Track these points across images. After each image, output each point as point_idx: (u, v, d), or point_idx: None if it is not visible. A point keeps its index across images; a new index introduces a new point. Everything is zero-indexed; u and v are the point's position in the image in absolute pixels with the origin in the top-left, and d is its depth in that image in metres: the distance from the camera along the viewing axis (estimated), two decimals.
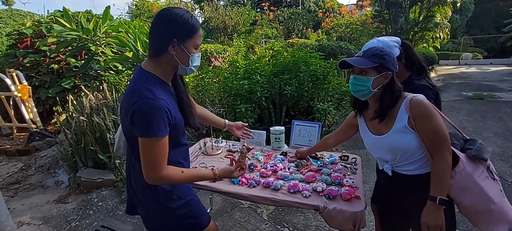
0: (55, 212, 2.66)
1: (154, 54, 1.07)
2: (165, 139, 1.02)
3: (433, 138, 1.12)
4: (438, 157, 1.12)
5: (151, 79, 1.04)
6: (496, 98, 7.34)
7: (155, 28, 1.05)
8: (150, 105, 0.96)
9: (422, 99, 1.13)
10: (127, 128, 1.08)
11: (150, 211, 1.21)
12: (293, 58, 3.61)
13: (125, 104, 1.03)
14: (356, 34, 10.13)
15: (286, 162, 1.88)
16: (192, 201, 1.25)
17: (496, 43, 18.38)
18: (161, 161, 1.02)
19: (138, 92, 0.99)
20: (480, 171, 1.13)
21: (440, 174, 1.12)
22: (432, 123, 1.11)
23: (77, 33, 3.66)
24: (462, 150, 1.20)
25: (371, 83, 1.18)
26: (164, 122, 0.99)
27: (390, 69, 1.17)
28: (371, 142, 1.33)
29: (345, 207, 1.35)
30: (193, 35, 1.05)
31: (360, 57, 1.22)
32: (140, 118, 0.97)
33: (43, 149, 3.99)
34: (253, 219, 2.50)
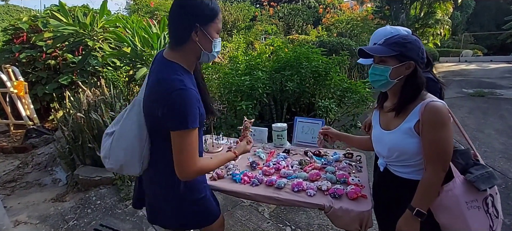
0: (53, 210, 2.61)
1: (176, 44, 1.03)
2: (197, 130, 1.01)
3: (433, 150, 1.05)
4: (431, 170, 1.06)
5: (178, 69, 1.00)
6: (497, 96, 7.33)
7: (175, 16, 1.01)
8: (183, 96, 0.93)
9: (440, 107, 1.04)
10: (154, 121, 1.03)
11: (167, 205, 1.18)
12: (294, 54, 3.55)
13: (154, 96, 0.99)
14: (356, 31, 10.06)
15: (289, 159, 1.83)
16: (207, 196, 1.25)
17: (496, 40, 18.36)
18: (196, 153, 1.01)
19: (169, 83, 0.95)
20: (471, 198, 1.05)
21: (426, 187, 1.08)
22: (439, 134, 1.03)
23: (73, 28, 3.59)
24: (464, 171, 1.11)
25: (389, 73, 1.11)
26: (197, 112, 0.98)
27: (412, 58, 1.09)
28: (376, 134, 1.29)
29: (351, 206, 1.30)
30: (215, 18, 1.02)
31: (380, 46, 1.15)
32: (175, 110, 0.94)
33: (40, 146, 3.93)
34: (255, 217, 2.46)
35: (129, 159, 1.09)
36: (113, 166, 1.11)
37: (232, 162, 1.81)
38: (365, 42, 8.51)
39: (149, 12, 9.45)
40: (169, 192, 1.15)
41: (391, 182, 1.25)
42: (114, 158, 1.10)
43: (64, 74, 4.59)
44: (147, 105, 1.05)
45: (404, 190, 1.20)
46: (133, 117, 1.09)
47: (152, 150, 1.12)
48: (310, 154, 1.86)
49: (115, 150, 1.09)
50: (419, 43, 1.11)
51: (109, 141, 1.11)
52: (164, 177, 1.13)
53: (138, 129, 1.07)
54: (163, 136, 1.02)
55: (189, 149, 0.99)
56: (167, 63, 1.02)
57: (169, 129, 0.98)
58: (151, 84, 1.03)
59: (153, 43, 3.38)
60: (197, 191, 1.19)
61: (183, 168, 1.01)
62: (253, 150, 2.03)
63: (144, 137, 1.08)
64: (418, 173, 1.15)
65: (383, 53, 1.11)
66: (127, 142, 1.08)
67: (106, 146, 1.12)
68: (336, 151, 1.92)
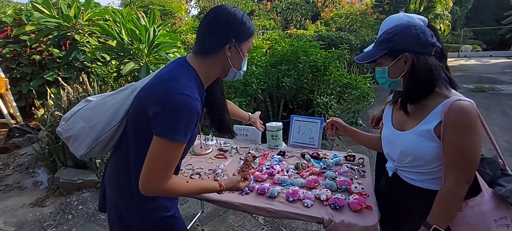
0: (31, 216, 2.42)
1: (203, 52, 0.95)
2: (183, 147, 0.88)
3: (457, 157, 0.87)
4: (452, 181, 0.89)
5: (192, 76, 0.91)
6: (498, 91, 7.20)
7: (210, 24, 0.94)
8: (185, 103, 0.82)
9: (468, 107, 0.87)
10: (142, 119, 0.87)
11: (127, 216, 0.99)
12: (292, 47, 3.35)
13: (154, 89, 0.87)
14: (355, 25, 9.86)
15: (284, 163, 1.65)
16: (175, 215, 1.04)
17: (496, 35, 18.22)
18: (170, 170, 0.87)
19: (176, 82, 0.85)
20: (500, 215, 0.89)
21: (446, 201, 0.90)
22: (465, 139, 0.86)
23: (57, 21, 3.37)
24: (491, 183, 0.94)
25: (387, 73, 0.98)
26: (190, 128, 0.86)
27: (405, 49, 0.92)
28: (387, 133, 1.11)
29: (354, 220, 1.13)
30: (249, 37, 0.98)
31: (370, 49, 1.05)
32: (169, 114, 0.81)
33: (24, 146, 3.73)
34: (248, 223, 2.29)
35: (83, 135, 0.95)
36: (62, 132, 0.97)
37: (220, 166, 1.65)
38: (364, 37, 8.32)
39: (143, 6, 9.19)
40: (127, 201, 0.97)
41: (401, 189, 1.08)
42: (71, 124, 0.96)
43: (50, 70, 4.35)
44: (141, 96, 0.92)
45: (415, 200, 1.04)
46: (119, 98, 0.97)
47: (121, 147, 0.98)
48: (308, 157, 1.68)
49: (78, 117, 0.96)
50: (411, 29, 0.93)
51: (81, 106, 0.99)
52: (122, 181, 0.97)
53: (114, 112, 0.95)
54: (143, 137, 0.87)
55: (164, 163, 0.84)
56: (186, 65, 0.94)
57: (153, 131, 0.84)
58: (157, 78, 0.92)
59: (141, 36, 3.17)
60: (160, 207, 0.99)
61: (147, 181, 0.85)
62: (245, 152, 1.85)
63: (113, 124, 0.95)
64: (433, 182, 0.98)
65: (371, 57, 1.00)
66: (96, 116, 0.95)
67: (74, 109, 0.99)
68: (336, 153, 1.74)
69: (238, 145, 1.92)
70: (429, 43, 0.92)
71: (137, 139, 0.92)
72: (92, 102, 0.99)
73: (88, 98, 1.02)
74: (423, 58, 0.91)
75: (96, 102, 0.99)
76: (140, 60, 3.27)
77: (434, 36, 0.95)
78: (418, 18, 1.19)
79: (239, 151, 1.86)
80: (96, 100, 0.99)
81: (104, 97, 1.00)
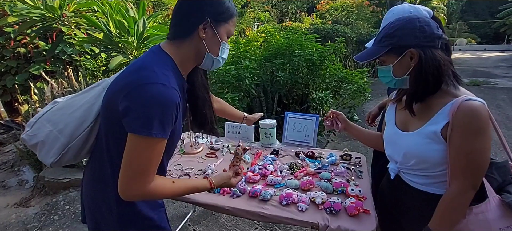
0: (14, 218, 2.32)
1: (176, 36, 0.84)
2: (164, 143, 0.77)
3: (463, 162, 0.81)
4: (458, 186, 0.83)
5: (167, 63, 0.81)
6: (492, 85, 7.24)
7: (183, 3, 0.83)
8: (159, 93, 0.71)
9: (478, 108, 0.80)
10: (114, 117, 0.77)
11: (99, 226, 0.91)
12: (286, 41, 3.25)
13: (125, 81, 0.75)
14: (351, 18, 9.76)
15: (278, 162, 1.58)
16: (160, 226, 0.94)
17: (490, 29, 18.31)
18: (152, 171, 0.76)
19: (147, 72, 0.74)
20: (506, 224, 0.84)
21: (449, 206, 0.85)
22: (474, 143, 0.80)
23: (40, 12, 3.20)
24: (499, 189, 0.88)
25: (392, 72, 0.90)
26: (170, 121, 0.75)
27: (409, 44, 0.84)
28: (390, 134, 1.04)
29: (351, 225, 1.06)
30: (229, 19, 0.86)
31: (372, 46, 0.95)
32: (141, 106, 0.70)
33: (8, 143, 3.59)
34: (242, 222, 2.23)
35: (51, 140, 0.84)
36: (27, 139, 0.86)
37: (211, 166, 1.57)
38: (360, 29, 8.23)
39: None
40: (104, 212, 0.88)
41: (403, 192, 1.02)
42: (36, 129, 0.86)
43: (36, 64, 4.19)
44: (111, 91, 0.81)
45: (418, 204, 0.98)
46: (89, 97, 0.87)
47: (96, 151, 0.88)
48: (302, 156, 1.61)
49: (44, 121, 0.86)
50: (415, 22, 0.86)
51: (47, 109, 0.89)
52: (98, 190, 0.88)
53: (84, 112, 0.86)
54: (118, 138, 0.77)
55: (143, 163, 0.74)
56: (158, 52, 0.83)
57: (126, 128, 0.73)
58: (126, 70, 0.81)
59: (129, 28, 3.03)
60: (144, 218, 0.90)
61: (126, 184, 0.75)
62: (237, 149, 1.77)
63: (84, 126, 0.85)
64: (438, 185, 0.91)
65: (373, 56, 0.92)
66: (64, 119, 0.85)
67: (40, 113, 0.89)
68: (332, 151, 1.67)
69: (230, 143, 1.84)
70: (436, 35, 0.84)
71: (111, 141, 0.81)
72: (60, 103, 0.89)
73: (56, 100, 0.92)
74: (430, 52, 0.83)
75: (64, 103, 0.88)
76: (129, 53, 3.14)
77: (440, 28, 0.87)
78: (424, 9, 1.12)
79: (231, 149, 1.78)
80: (64, 101, 0.89)
81: (73, 97, 0.90)
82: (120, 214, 0.86)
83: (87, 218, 0.96)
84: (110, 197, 0.84)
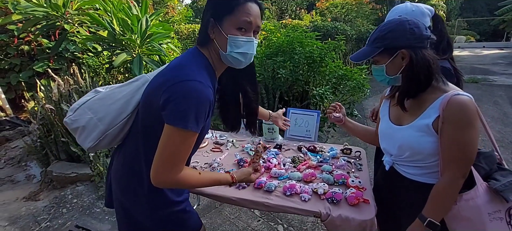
0: (24, 210, 2.38)
1: (199, 43, 0.91)
2: (195, 137, 0.84)
3: (454, 152, 0.88)
4: (449, 175, 0.90)
5: (203, 63, 0.87)
6: (490, 82, 7.32)
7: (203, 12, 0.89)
8: (196, 90, 0.77)
9: (467, 102, 0.86)
10: (152, 111, 0.84)
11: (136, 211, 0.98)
12: (287, 38, 3.31)
13: (164, 77, 0.82)
14: (351, 15, 9.79)
15: (281, 156, 1.65)
16: (187, 208, 1.04)
17: (489, 26, 18.38)
18: (183, 161, 0.84)
19: (187, 70, 0.81)
20: (494, 209, 0.91)
21: (441, 195, 0.92)
22: (464, 134, 0.86)
23: (44, 10, 3.25)
24: (487, 177, 0.96)
25: (385, 71, 0.97)
26: (203, 117, 0.82)
27: (401, 45, 0.91)
28: (384, 128, 1.11)
29: (352, 214, 1.13)
30: (232, 10, 0.82)
31: (365, 47, 1.02)
32: (180, 101, 0.77)
33: (15, 139, 3.65)
34: (244, 215, 2.30)
35: (90, 127, 0.92)
36: (69, 122, 0.95)
37: (217, 159, 1.64)
38: (359, 27, 8.27)
39: None
40: (134, 197, 0.95)
41: (398, 183, 1.09)
42: (78, 115, 0.94)
43: (40, 61, 4.23)
44: (151, 87, 0.88)
45: (412, 193, 1.05)
46: (129, 90, 0.94)
47: (130, 141, 0.96)
48: (304, 150, 1.68)
49: (86, 108, 0.94)
50: (405, 24, 0.91)
51: (89, 97, 0.97)
52: (130, 177, 0.95)
53: (124, 104, 0.92)
54: (154, 131, 0.84)
55: (176, 152, 0.81)
56: (197, 53, 0.89)
57: (164, 120, 0.80)
58: (167, 68, 0.88)
59: (133, 26, 3.08)
60: (171, 203, 0.98)
61: (158, 171, 0.82)
62: (242, 145, 1.84)
63: (123, 116, 0.92)
64: (431, 175, 0.99)
65: (367, 56, 0.98)
66: (104, 108, 0.93)
67: (82, 100, 0.96)
68: (332, 146, 1.74)
69: (234, 138, 1.90)
70: (425, 36, 0.91)
71: (147, 133, 0.89)
72: (101, 93, 0.96)
73: (97, 89, 0.99)
74: (420, 52, 0.90)
75: (105, 93, 0.96)
76: (132, 51, 3.19)
77: (428, 29, 0.93)
78: (425, 7, 1.17)
79: (235, 144, 1.85)
80: (105, 92, 0.96)
81: (113, 89, 0.97)
82: (150, 200, 0.93)
83: (115, 204, 1.03)
84: (144, 185, 0.91)
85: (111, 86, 0.99)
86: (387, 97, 1.15)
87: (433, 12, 1.22)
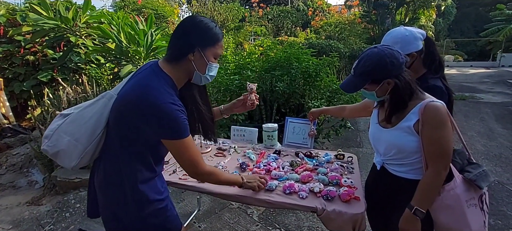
0: (27, 215, 2.44)
1: (172, 59, 1.05)
2: (191, 138, 1.04)
3: (434, 149, 1.05)
4: (433, 170, 1.07)
5: (168, 82, 1.01)
6: (477, 99, 7.61)
7: (179, 33, 1.04)
8: (171, 109, 0.95)
9: (440, 107, 1.05)
10: (127, 127, 0.98)
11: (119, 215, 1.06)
12: (285, 54, 3.52)
13: (135, 98, 0.96)
14: (344, 34, 10.22)
15: (280, 160, 1.78)
16: (168, 206, 1.12)
17: (476, 46, 19.19)
18: (199, 155, 1.07)
19: (158, 93, 0.95)
20: (470, 196, 1.09)
21: (427, 187, 1.08)
22: (440, 133, 1.04)
23: (55, 23, 3.40)
24: (461, 170, 1.15)
25: (376, 95, 1.15)
26: (186, 123, 1.00)
27: (385, 77, 1.08)
28: (374, 131, 1.29)
29: (344, 208, 1.27)
30: (215, 44, 1.06)
31: (352, 77, 1.15)
32: (168, 120, 0.95)
33: (16, 146, 3.70)
34: (243, 220, 2.40)
35: (71, 149, 1.01)
36: (48, 149, 1.03)
37: (221, 163, 1.77)
38: (352, 45, 8.64)
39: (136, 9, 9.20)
40: (122, 201, 1.04)
41: (388, 180, 1.25)
42: (55, 140, 1.02)
43: (44, 71, 4.35)
44: (120, 104, 0.99)
45: (399, 189, 1.21)
46: (97, 108, 1.04)
47: (107, 153, 1.05)
48: (301, 155, 1.82)
49: (61, 133, 1.02)
50: (384, 59, 1.05)
51: (59, 122, 1.04)
52: (114, 184, 1.04)
53: (96, 122, 1.02)
54: (131, 143, 1.00)
55: (190, 153, 1.03)
56: (159, 72, 1.02)
57: (160, 138, 0.98)
58: (134, 87, 0.99)
59: (139, 40, 3.26)
60: (153, 201, 1.07)
61: (193, 171, 1.07)
62: (243, 151, 1.97)
63: (97, 133, 1.03)
64: (415, 172, 1.15)
65: (357, 88, 1.14)
66: (78, 130, 1.02)
67: (54, 126, 1.04)
68: (327, 152, 1.89)
69: (236, 145, 2.04)
70: (401, 63, 1.07)
71: (124, 145, 1.00)
72: (71, 116, 1.04)
73: (63, 112, 1.07)
74: (402, 77, 1.07)
75: (75, 115, 1.04)
76: (137, 62, 3.35)
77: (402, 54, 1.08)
78: (417, 31, 1.29)
79: (237, 150, 1.98)
80: (74, 114, 1.04)
81: (82, 110, 1.05)
82: (135, 201, 1.03)
83: (102, 211, 1.11)
84: (126, 189, 1.02)
85: (77, 107, 1.07)
86: (376, 108, 1.33)
87: (425, 36, 1.31)
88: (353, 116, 1.74)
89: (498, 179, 3.11)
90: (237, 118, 3.09)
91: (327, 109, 1.93)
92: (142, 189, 1.03)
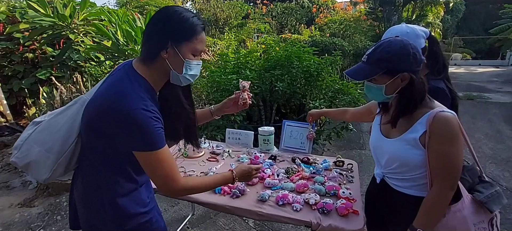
0: (18, 217, 2.39)
1: (146, 58, 0.91)
2: (167, 148, 0.90)
3: (441, 166, 0.93)
4: (438, 188, 0.94)
5: (142, 85, 0.89)
6: (485, 99, 7.40)
7: (149, 28, 0.91)
8: (142, 117, 0.82)
9: (451, 119, 0.92)
10: (98, 135, 0.86)
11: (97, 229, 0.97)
12: (285, 53, 3.40)
13: (107, 109, 0.84)
14: (349, 31, 10.02)
15: (275, 167, 1.69)
16: (153, 219, 1.02)
17: (484, 44, 18.72)
18: (175, 169, 0.91)
19: (129, 99, 0.83)
20: (479, 219, 0.96)
21: (432, 206, 0.96)
22: (449, 148, 0.91)
23: (52, 20, 3.34)
24: (470, 189, 1.01)
25: (384, 91, 0.99)
26: (161, 131, 0.87)
27: (404, 69, 0.94)
28: (375, 140, 1.16)
29: (341, 224, 1.17)
30: (191, 38, 0.89)
31: (364, 64, 1.00)
32: (139, 130, 0.82)
33: (13, 145, 3.66)
34: (239, 226, 2.31)
35: (42, 159, 0.91)
36: (18, 161, 0.92)
37: (212, 168, 1.68)
38: (357, 43, 8.46)
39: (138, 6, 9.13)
40: (102, 215, 0.95)
41: (388, 195, 1.13)
42: (25, 151, 0.91)
43: (43, 69, 4.31)
44: (91, 111, 0.89)
45: (401, 205, 1.09)
46: (69, 115, 0.93)
47: (85, 163, 0.95)
48: (298, 161, 1.72)
49: (31, 142, 0.92)
50: (408, 48, 0.93)
51: (30, 131, 0.94)
52: (93, 198, 0.95)
53: (68, 129, 0.91)
54: (103, 152, 0.88)
55: (165, 168, 0.88)
56: (134, 75, 0.89)
57: (129, 149, 0.86)
58: (104, 92, 0.88)
59: (136, 37, 3.18)
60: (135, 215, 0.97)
61: (166, 189, 0.91)
62: (237, 155, 1.88)
63: (70, 142, 0.91)
64: (418, 188, 1.03)
65: (368, 76, 0.99)
66: (50, 139, 0.91)
67: (25, 135, 0.94)
68: (326, 158, 1.79)
69: (230, 148, 1.95)
70: (422, 61, 0.95)
71: (98, 156, 0.90)
72: (42, 124, 0.94)
73: (35, 120, 0.97)
74: (418, 76, 0.95)
75: (46, 123, 0.94)
76: None
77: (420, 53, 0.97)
78: (420, 29, 1.20)
79: (231, 154, 1.89)
80: (46, 121, 0.94)
81: (54, 117, 0.95)
82: (115, 217, 0.94)
83: (83, 225, 1.02)
84: (105, 203, 0.92)
85: (49, 115, 0.97)
86: (378, 114, 1.20)
87: (428, 34, 1.22)
88: (355, 120, 1.63)
89: (506, 185, 2.97)
90: (235, 118, 2.99)
91: (328, 112, 1.78)
92: (121, 204, 0.93)
